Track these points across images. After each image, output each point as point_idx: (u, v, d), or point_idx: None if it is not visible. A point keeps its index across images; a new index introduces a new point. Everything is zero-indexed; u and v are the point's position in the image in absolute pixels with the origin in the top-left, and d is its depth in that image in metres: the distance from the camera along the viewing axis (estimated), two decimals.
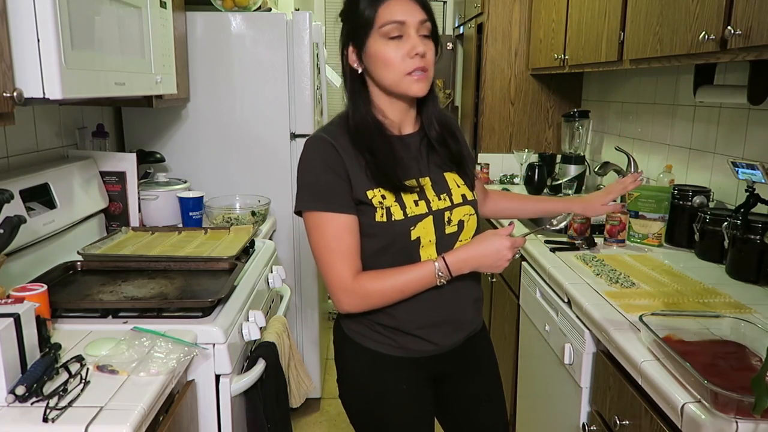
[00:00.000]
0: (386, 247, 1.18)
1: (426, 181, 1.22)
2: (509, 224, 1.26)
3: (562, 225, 1.43)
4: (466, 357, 1.33)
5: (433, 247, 1.20)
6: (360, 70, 1.19)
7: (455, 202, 1.23)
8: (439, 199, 1.21)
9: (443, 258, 1.16)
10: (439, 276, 1.16)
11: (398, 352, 1.24)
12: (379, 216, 1.16)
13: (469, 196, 1.26)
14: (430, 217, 1.19)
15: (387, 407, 1.26)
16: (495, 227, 2.18)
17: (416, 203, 1.18)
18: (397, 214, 1.16)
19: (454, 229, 1.22)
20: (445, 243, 1.21)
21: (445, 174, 1.25)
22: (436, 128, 1.25)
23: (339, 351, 1.32)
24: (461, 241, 1.23)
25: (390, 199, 1.17)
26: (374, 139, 1.18)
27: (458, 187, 1.26)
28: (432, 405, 1.33)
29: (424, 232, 1.18)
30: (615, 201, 1.54)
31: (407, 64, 1.13)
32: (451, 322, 1.26)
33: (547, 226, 1.47)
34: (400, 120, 1.24)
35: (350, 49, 1.19)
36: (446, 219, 1.22)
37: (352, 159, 1.16)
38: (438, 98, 1.27)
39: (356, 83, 1.21)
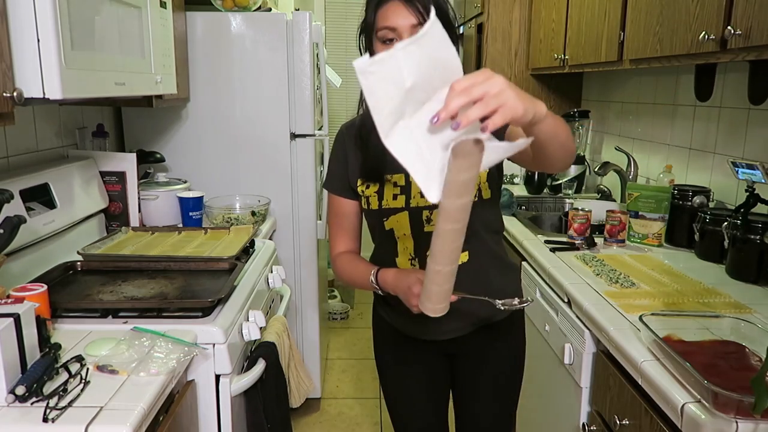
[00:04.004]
0: (372, 230, 1.32)
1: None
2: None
3: (509, 307, 1.22)
4: (468, 348, 1.39)
5: (410, 240, 1.26)
6: None
7: None
8: (422, 196, 1.22)
9: (376, 273, 1.22)
10: (372, 285, 1.22)
11: (398, 327, 1.37)
12: (363, 204, 1.28)
13: None
14: (406, 213, 1.24)
15: (386, 369, 1.45)
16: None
17: (395, 197, 1.24)
18: (373, 205, 1.25)
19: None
20: (424, 240, 1.23)
21: None
22: None
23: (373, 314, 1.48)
24: None
25: (371, 190, 1.25)
26: (370, 136, 1.22)
27: None
28: (435, 374, 1.43)
29: (398, 225, 1.25)
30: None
31: None
32: (424, 322, 1.15)
33: (500, 306, 1.21)
34: None
35: (362, 44, 1.22)
36: (425, 217, 1.24)
37: (352, 150, 1.28)
38: None
39: None
